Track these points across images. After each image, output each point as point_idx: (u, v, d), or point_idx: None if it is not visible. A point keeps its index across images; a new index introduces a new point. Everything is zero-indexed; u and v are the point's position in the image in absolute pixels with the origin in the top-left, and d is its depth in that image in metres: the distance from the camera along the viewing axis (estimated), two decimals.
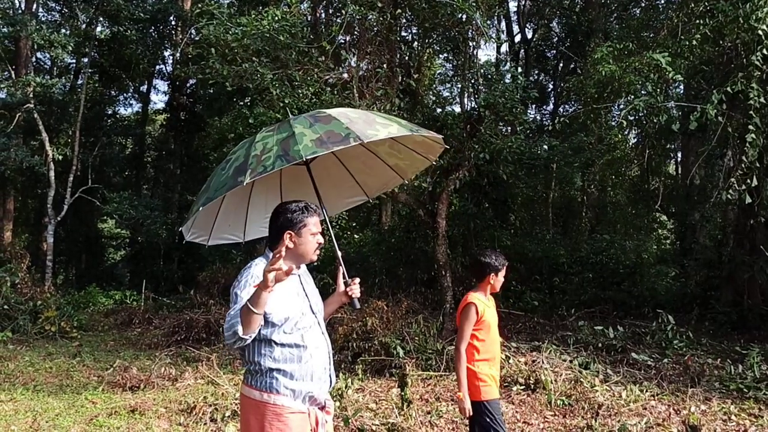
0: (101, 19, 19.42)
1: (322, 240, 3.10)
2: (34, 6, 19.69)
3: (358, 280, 3.33)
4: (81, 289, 17.85)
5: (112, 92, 24.17)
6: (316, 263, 3.26)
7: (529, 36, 23.24)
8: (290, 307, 2.97)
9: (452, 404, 6.59)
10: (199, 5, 12.91)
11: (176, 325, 11.32)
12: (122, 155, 24.96)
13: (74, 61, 22.25)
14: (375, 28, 11.23)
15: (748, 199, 8.79)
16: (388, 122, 3.24)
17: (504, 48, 23.65)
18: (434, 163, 4.05)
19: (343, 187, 3.98)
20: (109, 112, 24.48)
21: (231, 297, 2.91)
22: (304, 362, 2.95)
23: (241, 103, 16.38)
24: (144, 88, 25.31)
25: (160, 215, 18.59)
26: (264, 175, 2.90)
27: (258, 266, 2.95)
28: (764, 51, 8.22)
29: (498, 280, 4.07)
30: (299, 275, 3.15)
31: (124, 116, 26.39)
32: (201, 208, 3.09)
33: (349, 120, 3.09)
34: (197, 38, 17.55)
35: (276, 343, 2.91)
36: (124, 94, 25.35)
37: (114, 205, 18.01)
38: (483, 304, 4.03)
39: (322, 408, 3.08)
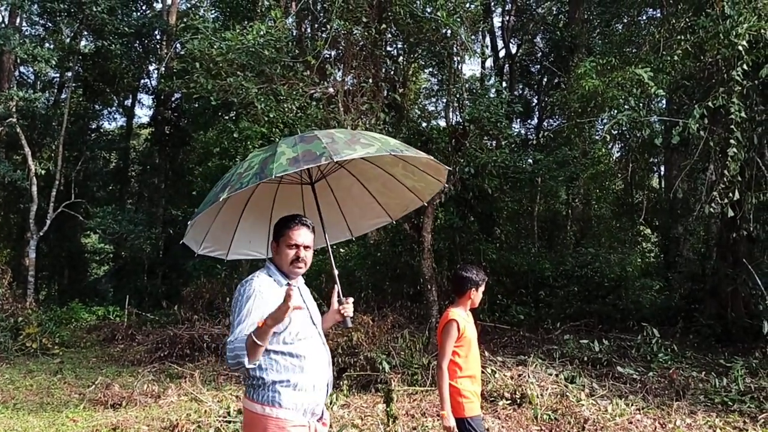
0: (85, 33, 19.36)
1: (303, 254, 3.14)
2: (18, 20, 19.59)
3: (351, 299, 3.41)
4: (63, 304, 17.63)
5: (96, 106, 24.03)
6: (304, 277, 3.31)
7: (514, 51, 23.44)
8: (292, 317, 3.00)
9: (438, 420, 6.55)
10: (184, 20, 12.91)
11: (160, 341, 11.20)
12: (106, 170, 24.81)
13: (58, 75, 22.17)
14: (360, 43, 11.27)
15: (731, 213, 8.87)
16: (371, 142, 3.26)
17: (489, 63, 23.85)
18: (445, 186, 4.15)
19: (365, 209, 4.05)
20: (93, 127, 24.36)
21: (234, 309, 2.95)
22: (306, 373, 3.02)
23: (227, 118, 16.35)
24: (128, 102, 25.23)
25: (144, 230, 18.45)
26: (239, 191, 3.03)
27: (259, 278, 3.04)
28: (744, 66, 8.34)
29: (478, 295, 4.06)
30: (298, 287, 3.20)
31: (108, 130, 26.26)
32: (190, 222, 3.24)
33: (332, 140, 3.15)
34: (182, 52, 17.53)
35: (278, 355, 2.97)
36: (109, 109, 25.25)
37: (97, 219, 17.86)
38: (463, 320, 4.00)
39: (319, 419, 3.14)
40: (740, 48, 8.17)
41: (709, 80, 9.92)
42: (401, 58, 15.27)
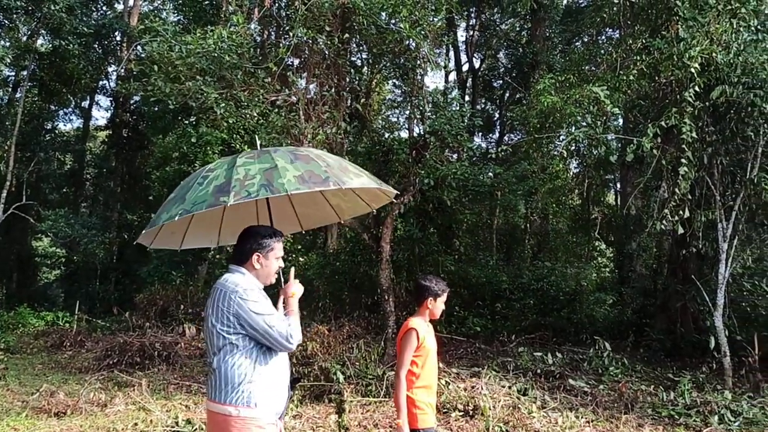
0: (43, 31, 18.90)
1: (282, 265, 3.38)
2: None
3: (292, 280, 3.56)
4: (11, 309, 17.06)
5: (52, 107, 23.42)
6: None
7: (477, 65, 23.74)
8: None
9: (390, 431, 6.52)
10: (145, 22, 12.72)
11: (109, 348, 10.91)
12: (60, 172, 24.19)
13: (13, 73, 21.53)
14: (323, 52, 11.25)
15: (681, 230, 9.10)
16: (358, 172, 3.55)
17: (452, 76, 24.10)
18: (374, 211, 4.38)
19: (281, 216, 4.07)
20: (48, 127, 23.73)
21: (252, 318, 3.06)
22: (275, 375, 3.17)
23: (186, 122, 16.14)
24: (86, 103, 24.73)
25: (98, 234, 18.07)
26: (248, 200, 3.12)
27: (241, 283, 3.15)
28: (696, 88, 8.59)
29: (436, 305, 4.00)
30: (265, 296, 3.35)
31: (64, 132, 25.69)
32: (177, 218, 3.18)
33: (326, 164, 3.39)
34: (142, 55, 17.26)
35: (248, 357, 3.08)
36: (65, 109, 24.63)
37: (49, 222, 17.44)
38: (423, 330, 3.97)
39: (279, 417, 3.26)
40: (693, 70, 8.43)
41: (663, 100, 10.18)
42: (365, 68, 15.33)
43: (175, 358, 10.79)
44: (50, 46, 19.18)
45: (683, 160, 8.70)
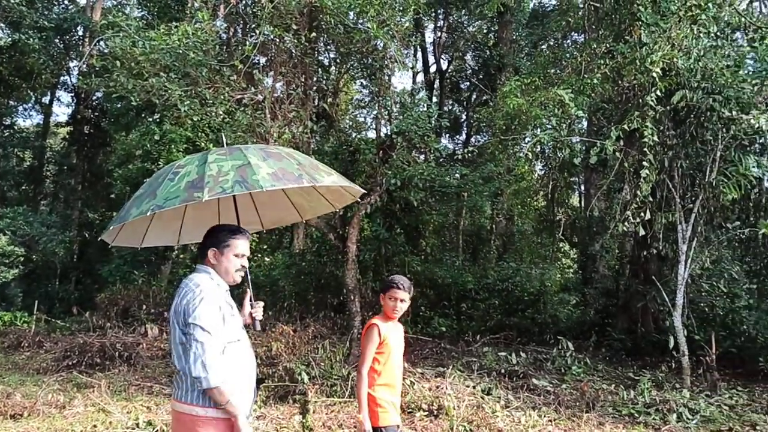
0: (2, 25, 18.44)
1: (246, 264, 3.34)
2: None
3: (261, 303, 3.62)
4: None
5: (11, 102, 22.90)
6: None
7: (444, 67, 23.85)
8: (231, 322, 3.17)
9: (355, 430, 6.50)
10: (108, 16, 12.48)
11: (68, 349, 10.65)
12: (19, 168, 23.63)
13: None
14: (290, 50, 11.17)
15: (642, 232, 9.26)
16: (328, 170, 3.57)
17: (420, 77, 24.18)
18: (337, 211, 4.42)
19: (243, 212, 4.02)
20: (7, 123, 23.17)
21: (190, 309, 2.98)
22: (241, 375, 3.15)
23: (150, 120, 15.87)
24: (46, 99, 24.19)
25: (58, 232, 17.68)
26: (222, 195, 3.12)
27: (204, 280, 3.13)
28: (658, 92, 8.76)
29: (386, 301, 3.99)
30: (227, 291, 3.35)
31: (23, 128, 25.07)
32: (149, 213, 3.14)
33: (298, 162, 3.41)
34: (106, 50, 16.95)
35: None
36: (24, 105, 24.11)
37: (7, 220, 17.01)
38: (385, 327, 3.97)
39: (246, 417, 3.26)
40: (654, 75, 8.58)
41: (626, 104, 10.36)
42: (332, 67, 15.27)
43: (136, 359, 10.60)
44: (9, 40, 18.68)
45: (645, 163, 8.86)
